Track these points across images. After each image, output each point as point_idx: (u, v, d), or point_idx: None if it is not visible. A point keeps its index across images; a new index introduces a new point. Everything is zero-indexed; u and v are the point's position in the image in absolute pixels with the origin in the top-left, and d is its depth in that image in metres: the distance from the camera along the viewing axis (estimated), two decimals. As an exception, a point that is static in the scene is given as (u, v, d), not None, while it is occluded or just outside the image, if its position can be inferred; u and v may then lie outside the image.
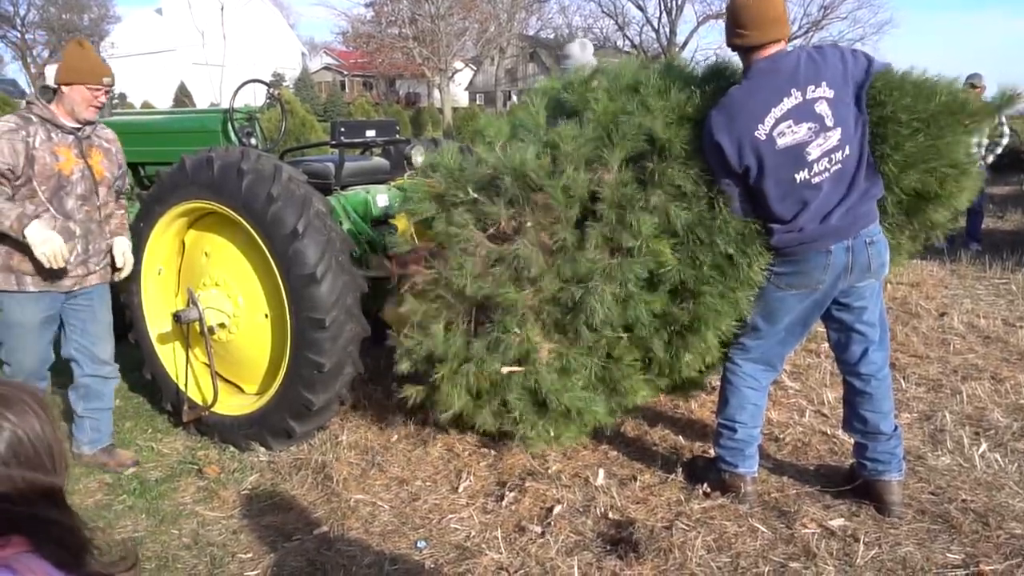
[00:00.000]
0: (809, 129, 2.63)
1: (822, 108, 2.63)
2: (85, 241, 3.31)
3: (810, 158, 2.65)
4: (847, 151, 2.68)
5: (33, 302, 3.25)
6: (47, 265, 3.08)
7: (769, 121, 2.63)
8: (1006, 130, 8.13)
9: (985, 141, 7.48)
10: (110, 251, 3.47)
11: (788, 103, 2.63)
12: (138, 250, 3.91)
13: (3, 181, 3.09)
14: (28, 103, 3.23)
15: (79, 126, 3.26)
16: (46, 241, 3.06)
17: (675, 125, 2.85)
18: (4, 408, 1.07)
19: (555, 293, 2.97)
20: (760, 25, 2.65)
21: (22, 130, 3.11)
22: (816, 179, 2.67)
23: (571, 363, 3.01)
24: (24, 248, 3.09)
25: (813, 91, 2.63)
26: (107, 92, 3.28)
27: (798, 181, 2.66)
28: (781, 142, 2.63)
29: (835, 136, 2.65)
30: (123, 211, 3.61)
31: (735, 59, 2.91)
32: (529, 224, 2.96)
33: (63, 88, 3.19)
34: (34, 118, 3.17)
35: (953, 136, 2.77)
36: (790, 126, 2.63)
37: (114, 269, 3.54)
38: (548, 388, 3.01)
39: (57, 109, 3.21)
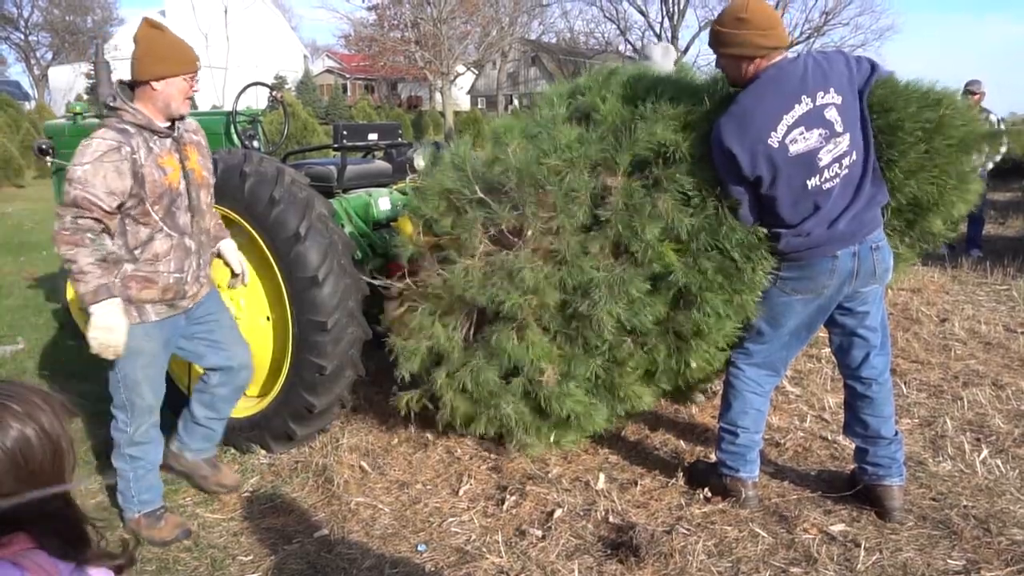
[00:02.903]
0: (820, 135, 2.63)
1: (831, 114, 2.63)
2: (198, 256, 2.92)
3: (821, 164, 2.64)
4: (855, 156, 2.68)
5: (157, 330, 2.87)
6: (94, 352, 2.70)
7: (781, 128, 2.62)
8: (1004, 138, 8.15)
9: (986, 148, 7.51)
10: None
11: (799, 110, 2.62)
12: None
13: (101, 218, 2.61)
14: (115, 108, 2.73)
15: (170, 125, 2.81)
16: (108, 329, 2.65)
17: (682, 131, 2.85)
18: (12, 407, 1.08)
19: (558, 299, 2.97)
20: (764, 34, 2.63)
21: (125, 146, 2.62)
22: (827, 185, 2.67)
23: (573, 369, 3.01)
24: (144, 277, 2.74)
25: (822, 97, 2.63)
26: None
27: (810, 187, 2.66)
28: (793, 149, 2.63)
29: (844, 142, 2.65)
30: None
31: None
32: (530, 233, 2.97)
33: (153, 84, 2.69)
34: (130, 128, 2.67)
35: (955, 151, 2.78)
36: (802, 133, 2.62)
37: (232, 275, 3.24)
38: (548, 393, 3.01)
39: (147, 110, 2.73)
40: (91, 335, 2.65)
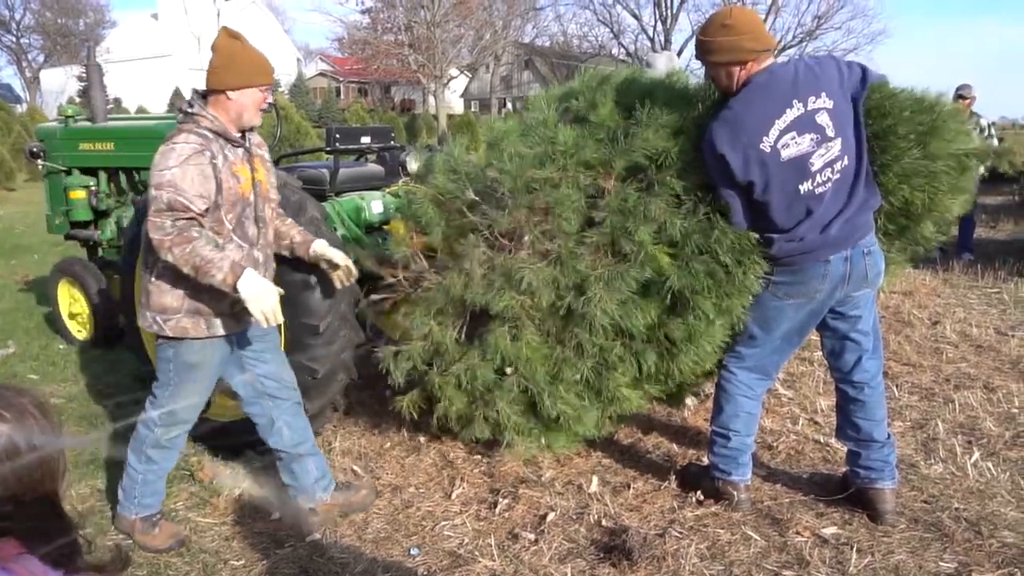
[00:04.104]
0: (812, 140, 2.63)
1: (823, 119, 2.64)
2: (264, 269, 2.84)
3: (813, 168, 2.65)
4: (846, 161, 2.68)
5: (221, 344, 2.83)
6: (263, 325, 2.63)
7: (773, 133, 2.62)
8: (995, 143, 8.22)
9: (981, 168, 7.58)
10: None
11: (791, 114, 2.62)
12: (132, 255, 3.90)
13: (197, 217, 2.57)
14: (192, 114, 2.68)
15: (241, 135, 2.78)
16: (261, 296, 2.57)
17: (675, 136, 2.86)
18: (2, 412, 1.07)
19: (552, 300, 2.98)
20: (751, 37, 2.64)
21: (207, 150, 2.60)
22: (819, 189, 2.67)
23: (563, 370, 3.01)
24: (214, 288, 2.61)
25: (814, 102, 2.63)
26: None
27: (802, 192, 2.67)
28: (785, 154, 2.63)
29: (836, 146, 2.66)
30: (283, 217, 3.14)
31: None
32: (527, 237, 2.97)
33: (228, 94, 2.67)
34: (208, 133, 2.65)
35: (946, 155, 2.79)
36: (793, 137, 2.63)
37: (333, 268, 3.13)
38: (539, 391, 3.01)
39: (223, 118, 2.71)
40: (253, 309, 2.57)
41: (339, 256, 3.10)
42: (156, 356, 2.90)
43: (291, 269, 3.34)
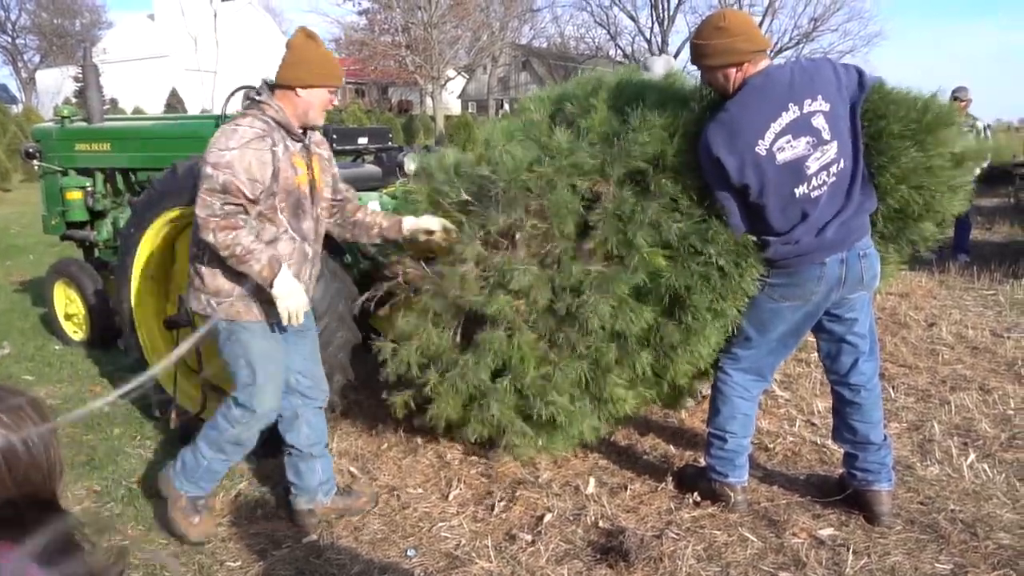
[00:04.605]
0: (807, 143, 2.63)
1: (819, 121, 2.64)
2: (312, 266, 2.91)
3: (809, 172, 2.64)
4: (843, 164, 2.68)
5: (275, 329, 2.86)
6: (285, 322, 2.70)
7: (769, 136, 2.62)
8: (991, 143, 8.23)
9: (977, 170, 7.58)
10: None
11: (786, 117, 2.62)
12: (128, 256, 3.90)
13: (245, 204, 2.60)
14: (258, 101, 2.72)
15: (303, 132, 2.82)
16: (291, 295, 2.66)
17: (671, 139, 2.86)
18: None
19: (547, 303, 2.98)
20: (745, 38, 2.64)
21: (268, 137, 2.64)
22: (815, 193, 2.67)
23: (557, 372, 3.01)
24: None
25: (810, 105, 2.63)
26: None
27: (797, 195, 2.67)
28: (781, 157, 2.63)
29: (832, 149, 2.65)
30: (357, 201, 3.17)
31: None
32: (519, 236, 2.97)
33: (298, 90, 2.70)
34: (271, 122, 2.69)
35: (942, 155, 2.79)
36: (789, 141, 2.62)
37: (429, 235, 3.11)
38: (533, 395, 3.01)
39: (288, 112, 2.74)
40: (281, 306, 2.65)
41: (433, 222, 3.11)
42: (221, 350, 2.87)
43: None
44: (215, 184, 2.54)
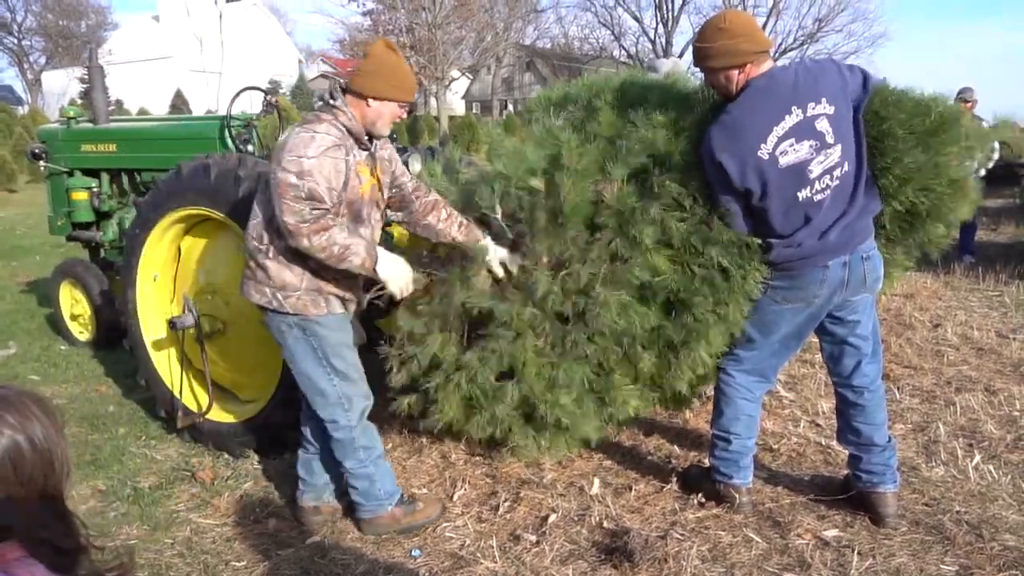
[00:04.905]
0: (811, 147, 2.61)
1: (823, 125, 2.62)
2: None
3: (812, 175, 2.63)
4: (846, 167, 2.67)
5: (345, 321, 2.92)
6: (398, 297, 2.83)
7: (772, 140, 2.60)
8: (995, 144, 8.21)
9: (978, 155, 7.56)
10: None
11: (790, 121, 2.60)
12: (134, 257, 3.91)
13: (326, 208, 2.61)
14: (331, 106, 2.72)
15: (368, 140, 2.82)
16: (398, 273, 2.78)
17: (675, 139, 2.86)
18: (4, 413, 1.07)
19: (554, 305, 2.98)
20: (748, 39, 2.63)
21: (343, 145, 2.66)
22: (817, 196, 2.66)
23: (561, 375, 3.01)
24: (330, 269, 2.71)
25: (814, 108, 2.61)
26: None
27: (800, 199, 2.65)
28: (784, 161, 2.61)
29: (836, 153, 2.64)
30: (440, 203, 3.10)
31: None
32: (527, 238, 2.97)
33: (370, 100, 2.70)
34: (344, 130, 2.70)
35: (947, 155, 2.79)
36: (792, 144, 2.60)
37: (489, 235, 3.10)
38: (538, 398, 3.01)
39: (358, 120, 2.74)
40: (391, 287, 2.77)
41: (508, 263, 3.07)
42: (287, 345, 2.87)
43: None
44: (301, 192, 2.54)
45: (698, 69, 2.81)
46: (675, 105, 2.97)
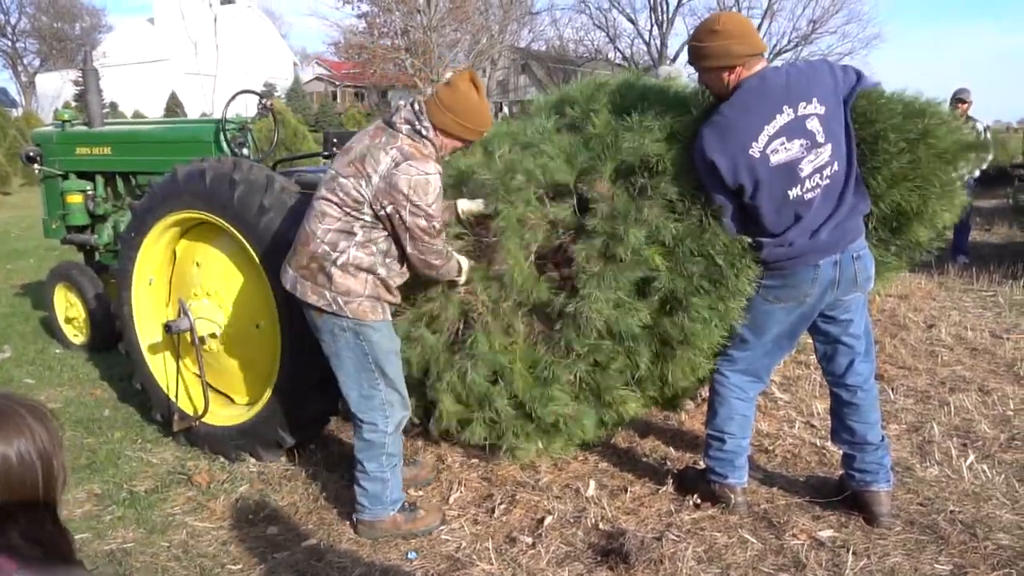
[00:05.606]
0: (801, 146, 2.64)
1: (813, 124, 2.65)
2: (405, 285, 3.05)
3: (802, 174, 2.65)
4: (836, 167, 2.69)
5: (392, 328, 3.00)
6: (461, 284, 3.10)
7: (763, 139, 2.62)
8: (989, 147, 8.23)
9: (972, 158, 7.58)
10: None
11: (780, 120, 2.63)
12: (129, 260, 3.91)
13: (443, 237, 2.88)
14: (426, 137, 2.77)
15: None
16: (468, 272, 3.09)
17: (667, 140, 2.88)
18: None
19: (544, 304, 2.99)
20: (740, 41, 2.65)
21: (441, 175, 2.79)
22: (808, 195, 2.68)
23: (553, 374, 3.02)
24: (388, 278, 2.85)
25: (804, 107, 2.64)
26: None
27: (791, 197, 2.67)
28: (775, 159, 2.63)
29: (826, 152, 2.66)
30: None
31: None
32: (509, 232, 3.00)
33: (438, 131, 2.78)
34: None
35: (938, 161, 2.80)
36: (783, 143, 2.63)
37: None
38: (530, 398, 3.02)
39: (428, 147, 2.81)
40: (463, 279, 3.07)
41: (479, 204, 3.20)
42: (339, 348, 2.89)
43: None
44: (436, 232, 2.78)
45: (692, 68, 2.84)
46: (668, 106, 2.98)
